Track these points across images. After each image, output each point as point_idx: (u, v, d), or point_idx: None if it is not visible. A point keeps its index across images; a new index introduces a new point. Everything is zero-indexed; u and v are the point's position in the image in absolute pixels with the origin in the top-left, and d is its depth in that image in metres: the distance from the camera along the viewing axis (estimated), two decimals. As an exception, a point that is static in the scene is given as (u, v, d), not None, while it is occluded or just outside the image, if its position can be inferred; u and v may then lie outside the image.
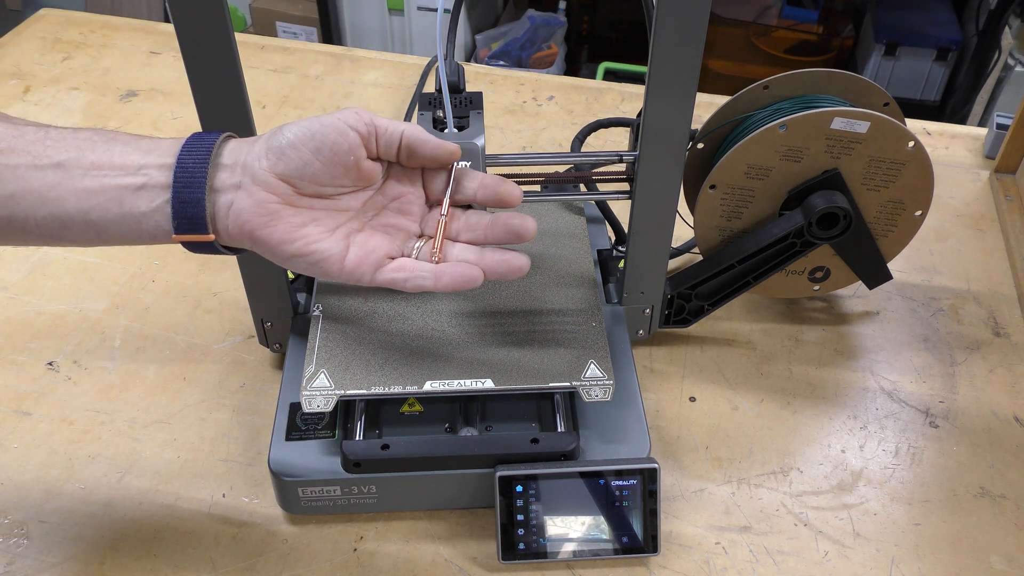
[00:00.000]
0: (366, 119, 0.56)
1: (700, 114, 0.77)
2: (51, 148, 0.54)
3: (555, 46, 2.35)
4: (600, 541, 0.65)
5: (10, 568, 0.65)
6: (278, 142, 0.54)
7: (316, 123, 0.55)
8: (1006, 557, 0.68)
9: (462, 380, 0.65)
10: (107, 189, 0.53)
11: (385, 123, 0.56)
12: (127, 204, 0.53)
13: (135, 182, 0.53)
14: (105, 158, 0.53)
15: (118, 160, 0.53)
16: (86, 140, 0.54)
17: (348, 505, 0.67)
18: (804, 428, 0.77)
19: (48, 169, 0.53)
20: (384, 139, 0.56)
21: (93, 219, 0.53)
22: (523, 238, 0.58)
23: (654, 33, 0.59)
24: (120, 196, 0.53)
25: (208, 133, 0.55)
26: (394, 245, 0.58)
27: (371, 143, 0.56)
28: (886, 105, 0.76)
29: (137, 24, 1.25)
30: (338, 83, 1.16)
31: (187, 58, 0.59)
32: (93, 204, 0.53)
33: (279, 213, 0.54)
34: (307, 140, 0.54)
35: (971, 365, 0.82)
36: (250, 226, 0.53)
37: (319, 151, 0.54)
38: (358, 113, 0.56)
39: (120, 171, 0.53)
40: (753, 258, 0.76)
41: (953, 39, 2.21)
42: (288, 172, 0.54)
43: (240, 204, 0.53)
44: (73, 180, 0.53)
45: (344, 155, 0.55)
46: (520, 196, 0.58)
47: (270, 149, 0.54)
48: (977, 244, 0.95)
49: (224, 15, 0.57)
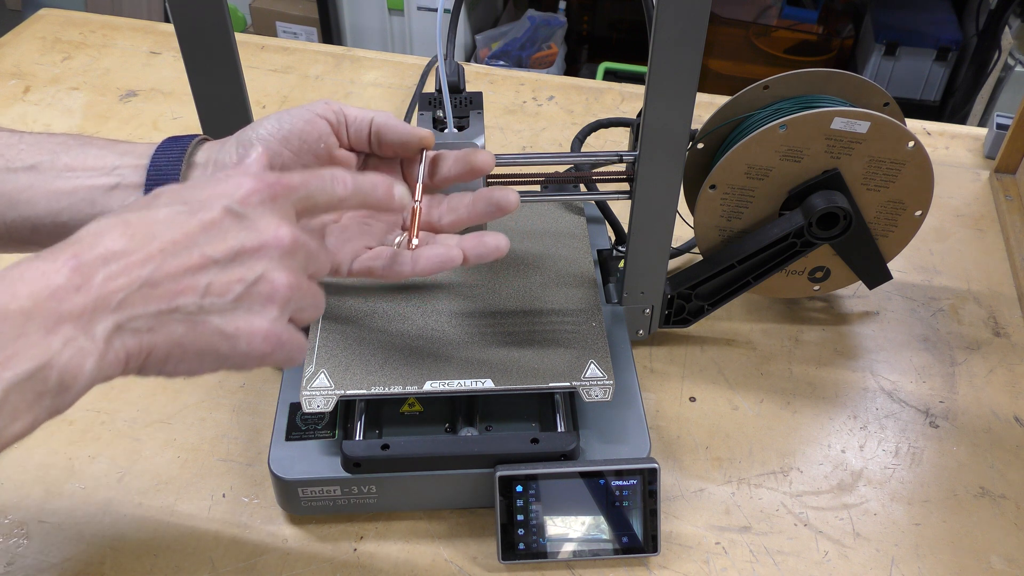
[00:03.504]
0: (335, 108, 0.55)
1: (700, 114, 0.77)
2: (25, 152, 0.53)
3: (555, 46, 2.35)
4: (600, 541, 0.65)
5: (10, 568, 0.65)
6: (247, 136, 0.54)
7: (285, 114, 0.54)
8: (1006, 557, 0.68)
9: (462, 380, 0.65)
10: (79, 190, 0.52)
11: (355, 111, 0.56)
12: (99, 204, 0.52)
13: (108, 182, 0.53)
14: (79, 160, 0.53)
15: (92, 162, 0.53)
16: (61, 144, 0.54)
17: (348, 505, 0.67)
18: (804, 428, 0.77)
19: (21, 172, 0.52)
20: (354, 127, 0.56)
21: (63, 221, 0.52)
22: (506, 209, 0.56)
23: (654, 33, 0.59)
24: (92, 196, 0.52)
25: (183, 136, 0.55)
26: (374, 237, 0.58)
27: (341, 132, 0.56)
28: (886, 105, 0.76)
29: (137, 24, 1.25)
30: (338, 83, 1.16)
31: (187, 58, 0.59)
32: (64, 205, 0.52)
33: None
34: (275, 131, 0.54)
35: (971, 365, 0.82)
36: None
37: (287, 140, 0.54)
38: (327, 103, 0.55)
39: (93, 172, 0.53)
40: (753, 258, 0.76)
41: (953, 39, 2.21)
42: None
43: None
44: (46, 182, 0.52)
45: (314, 143, 0.54)
46: (492, 162, 0.57)
47: (240, 143, 0.54)
48: (977, 244, 0.95)
49: (224, 15, 0.57)
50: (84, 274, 0.39)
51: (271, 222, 0.44)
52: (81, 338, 0.39)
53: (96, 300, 0.39)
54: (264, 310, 0.44)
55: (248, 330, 0.43)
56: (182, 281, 0.41)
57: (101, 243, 0.39)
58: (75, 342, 0.38)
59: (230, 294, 0.42)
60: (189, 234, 0.41)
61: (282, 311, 0.44)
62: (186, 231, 0.41)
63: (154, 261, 0.40)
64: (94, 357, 0.39)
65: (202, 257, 0.41)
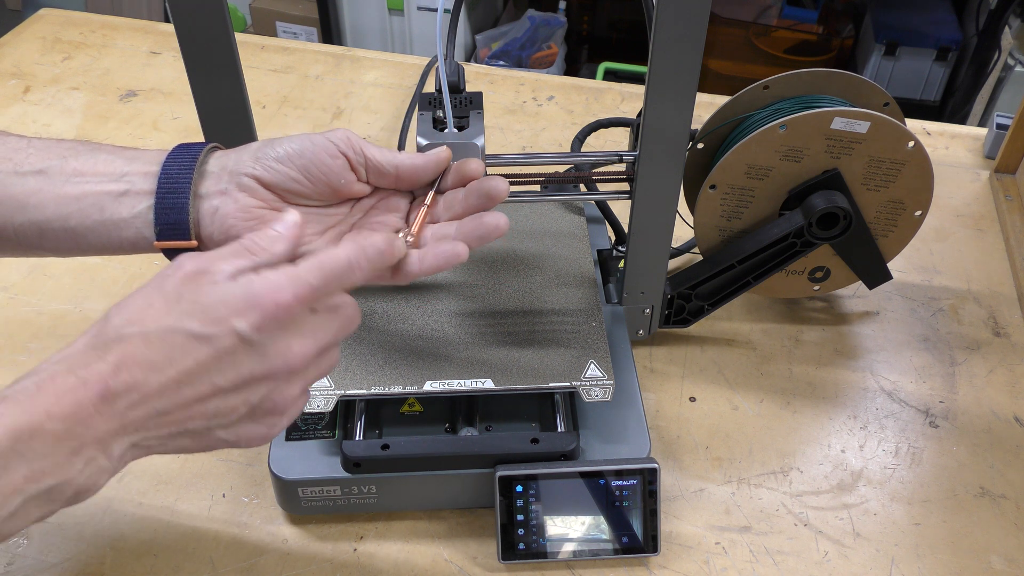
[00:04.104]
0: (355, 146, 0.55)
1: (700, 114, 0.77)
2: (33, 156, 0.53)
3: (555, 46, 2.35)
4: (600, 541, 0.65)
5: (10, 568, 0.65)
6: (266, 154, 0.53)
7: (307, 142, 0.54)
8: (1006, 557, 0.68)
9: (462, 380, 0.65)
10: (88, 195, 0.52)
11: (375, 153, 0.56)
12: (108, 210, 0.52)
13: (117, 188, 0.53)
14: (88, 165, 0.53)
15: (101, 167, 0.53)
16: (69, 148, 0.54)
17: (348, 505, 0.67)
18: (804, 428, 0.77)
19: (29, 176, 0.52)
20: (374, 169, 0.56)
21: (71, 225, 0.52)
22: (496, 197, 0.57)
23: (654, 33, 0.59)
24: (101, 202, 0.52)
25: (194, 144, 0.55)
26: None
27: (360, 170, 0.56)
28: (886, 105, 0.76)
29: (137, 24, 1.25)
30: (338, 83, 1.16)
31: (187, 58, 0.59)
32: (73, 210, 0.52)
33: (265, 217, 0.53)
34: (296, 157, 0.53)
35: (971, 365, 0.82)
36: (236, 230, 0.53)
37: (307, 170, 0.54)
38: (349, 138, 0.55)
39: (102, 177, 0.53)
40: (753, 258, 0.76)
41: (953, 39, 2.21)
42: (274, 183, 0.53)
43: (226, 209, 0.53)
44: (54, 186, 0.52)
45: (334, 178, 0.54)
46: (482, 168, 0.58)
47: (258, 159, 0.53)
48: (977, 244, 0.95)
49: (224, 15, 0.57)
50: (110, 402, 0.42)
51: (281, 347, 0.46)
52: (100, 458, 0.43)
53: (118, 427, 0.43)
54: (267, 420, 0.47)
55: (248, 436, 0.48)
56: (192, 408, 0.44)
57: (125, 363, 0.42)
58: (95, 462, 0.43)
59: (235, 415, 0.46)
60: (202, 364, 0.44)
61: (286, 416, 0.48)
62: (199, 360, 0.43)
63: (169, 392, 0.43)
64: (108, 473, 0.44)
65: (212, 387, 0.44)
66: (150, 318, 0.44)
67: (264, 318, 0.44)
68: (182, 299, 0.44)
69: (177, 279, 0.45)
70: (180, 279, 0.45)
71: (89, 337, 0.44)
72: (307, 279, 0.46)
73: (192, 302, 0.44)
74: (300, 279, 0.45)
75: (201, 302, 0.44)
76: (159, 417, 0.44)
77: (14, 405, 0.40)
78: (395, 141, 1.04)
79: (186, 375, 0.43)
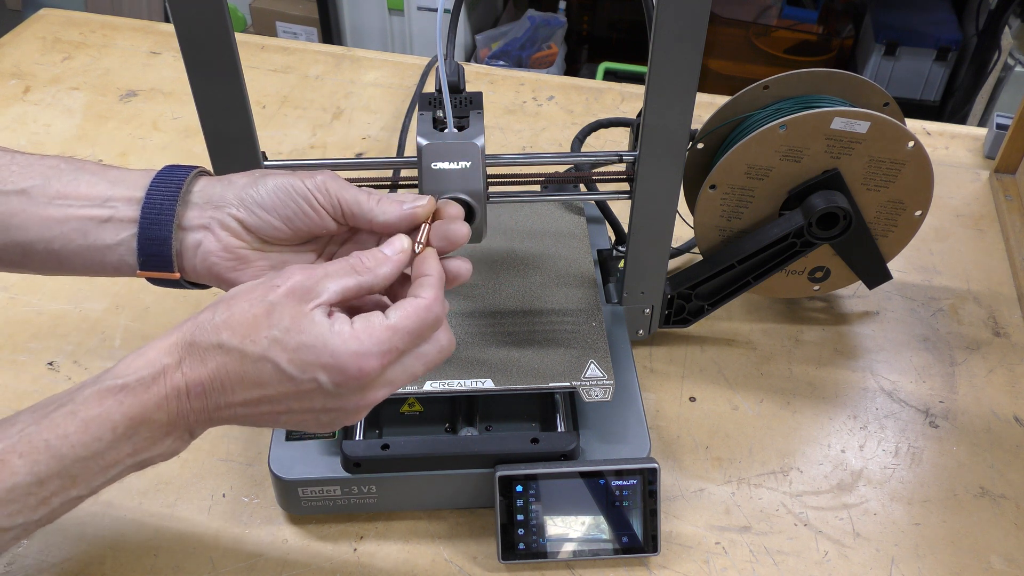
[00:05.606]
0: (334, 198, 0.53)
1: (700, 114, 0.77)
2: (16, 174, 0.53)
3: (555, 46, 2.36)
4: (600, 541, 0.65)
5: (10, 568, 0.65)
6: (251, 197, 0.53)
7: (291, 192, 0.53)
8: (1006, 557, 0.68)
9: (462, 380, 0.65)
10: (71, 219, 0.52)
11: (354, 209, 0.54)
12: (92, 236, 0.52)
13: (101, 214, 0.52)
14: (71, 187, 0.53)
15: (84, 190, 0.53)
16: (52, 168, 0.53)
17: (348, 505, 0.67)
18: (804, 428, 0.77)
19: (12, 195, 0.52)
20: (352, 219, 0.54)
21: (55, 249, 0.52)
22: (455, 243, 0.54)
23: (654, 33, 0.59)
24: (84, 227, 0.52)
25: (179, 167, 0.54)
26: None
27: (339, 217, 0.54)
28: (886, 105, 0.76)
29: (137, 24, 1.25)
30: (338, 83, 1.16)
31: (187, 58, 0.59)
32: (56, 234, 0.52)
33: (247, 258, 0.53)
34: (280, 207, 0.53)
35: (971, 365, 0.82)
36: (218, 269, 0.53)
37: (290, 221, 0.53)
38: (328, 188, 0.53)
39: (86, 202, 0.52)
40: (753, 258, 0.76)
41: (953, 39, 2.21)
42: (256, 229, 0.53)
43: (209, 246, 0.53)
44: (37, 208, 0.52)
45: (316, 228, 0.54)
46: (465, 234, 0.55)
47: (242, 201, 0.53)
48: (977, 244, 0.95)
49: (224, 15, 0.57)
50: (203, 400, 0.48)
51: (357, 397, 0.49)
52: (186, 436, 0.50)
53: (206, 420, 0.49)
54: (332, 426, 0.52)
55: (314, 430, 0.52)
56: (267, 416, 0.50)
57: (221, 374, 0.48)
58: (181, 439, 0.49)
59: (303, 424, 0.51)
60: (283, 394, 0.48)
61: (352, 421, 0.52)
62: (281, 391, 0.48)
63: (251, 404, 0.49)
64: (187, 446, 0.50)
65: (288, 408, 0.49)
66: (249, 338, 0.47)
67: (346, 380, 0.48)
68: (280, 323, 0.47)
69: (282, 293, 0.48)
70: (284, 294, 0.48)
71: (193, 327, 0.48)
72: (395, 344, 0.48)
73: (286, 330, 0.47)
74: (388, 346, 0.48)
75: (294, 341, 0.47)
76: (239, 417, 0.49)
77: (132, 396, 0.46)
78: (395, 141, 1.04)
79: (268, 398, 0.48)
